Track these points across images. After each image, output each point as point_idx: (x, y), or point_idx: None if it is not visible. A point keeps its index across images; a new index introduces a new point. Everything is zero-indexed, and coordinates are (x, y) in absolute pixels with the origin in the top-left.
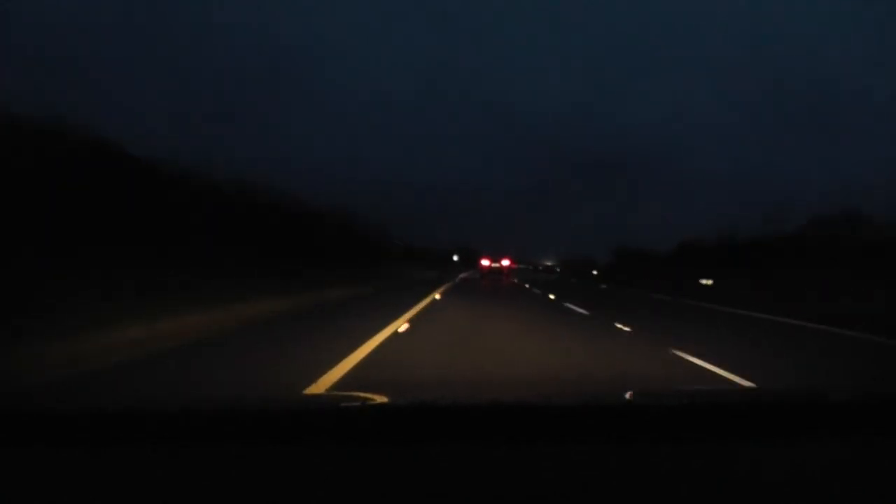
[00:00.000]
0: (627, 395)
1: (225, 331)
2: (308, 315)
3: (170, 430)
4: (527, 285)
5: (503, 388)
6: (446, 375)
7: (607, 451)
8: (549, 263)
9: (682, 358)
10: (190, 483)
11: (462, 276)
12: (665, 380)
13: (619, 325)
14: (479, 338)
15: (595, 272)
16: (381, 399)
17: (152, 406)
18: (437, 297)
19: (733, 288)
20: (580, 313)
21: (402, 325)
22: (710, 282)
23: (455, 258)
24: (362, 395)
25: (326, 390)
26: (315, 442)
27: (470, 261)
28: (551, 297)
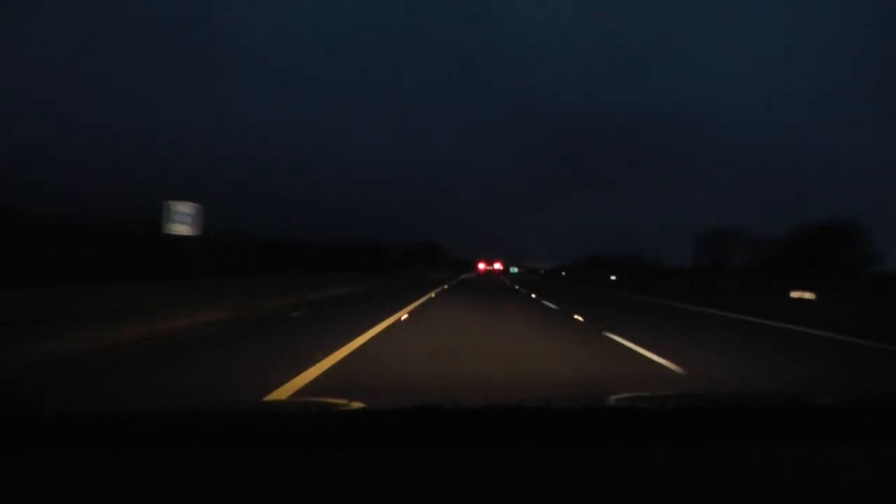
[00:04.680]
0: (626, 399)
1: None
2: None
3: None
4: (533, 295)
5: (502, 392)
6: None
7: (604, 452)
8: (549, 267)
9: None
10: (177, 485)
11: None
12: (662, 384)
13: None
14: None
15: (613, 277)
16: (357, 404)
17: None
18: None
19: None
20: (671, 369)
21: None
22: (810, 295)
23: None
24: (336, 400)
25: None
26: (285, 447)
27: (435, 261)
28: (578, 318)
